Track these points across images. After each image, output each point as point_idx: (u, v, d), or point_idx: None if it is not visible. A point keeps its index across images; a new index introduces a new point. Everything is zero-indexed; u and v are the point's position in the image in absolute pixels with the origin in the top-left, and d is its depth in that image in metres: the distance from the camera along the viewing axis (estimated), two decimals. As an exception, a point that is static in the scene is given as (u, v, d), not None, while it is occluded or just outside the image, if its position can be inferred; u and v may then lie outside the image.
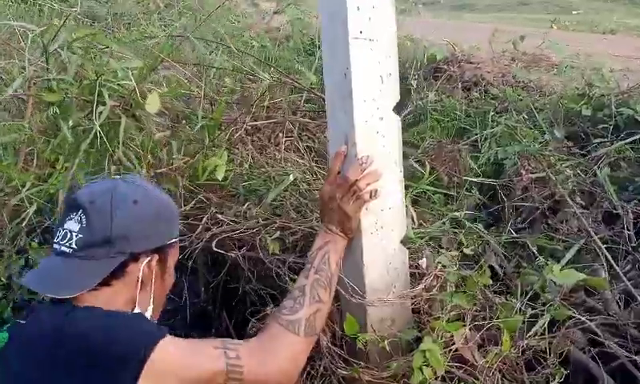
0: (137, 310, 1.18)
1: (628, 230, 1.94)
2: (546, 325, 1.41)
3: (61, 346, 1.04)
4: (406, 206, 1.54)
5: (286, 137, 2.10)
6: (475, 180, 2.08)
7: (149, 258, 1.18)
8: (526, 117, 2.30)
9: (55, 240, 1.14)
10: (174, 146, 1.81)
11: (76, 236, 1.11)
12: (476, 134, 2.39)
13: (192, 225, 1.91)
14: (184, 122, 1.96)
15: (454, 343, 1.39)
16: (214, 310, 2.00)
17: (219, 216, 1.89)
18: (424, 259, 1.41)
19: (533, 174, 1.94)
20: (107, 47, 1.85)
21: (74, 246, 1.11)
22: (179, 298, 1.95)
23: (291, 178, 1.87)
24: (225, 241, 1.81)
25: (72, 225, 1.12)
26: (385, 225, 1.46)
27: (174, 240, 1.25)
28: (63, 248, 1.12)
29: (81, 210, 1.12)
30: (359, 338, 1.39)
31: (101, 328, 1.06)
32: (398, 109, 1.45)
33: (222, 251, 1.72)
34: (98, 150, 1.82)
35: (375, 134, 1.40)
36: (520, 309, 1.48)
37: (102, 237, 1.11)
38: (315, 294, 1.33)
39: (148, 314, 1.20)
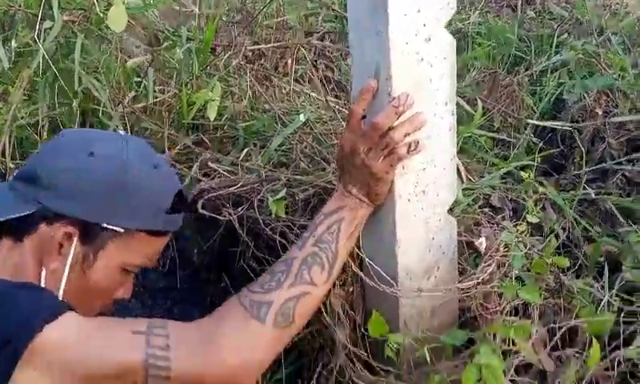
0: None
1: None
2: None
3: None
4: (455, 161, 1.13)
5: (298, 64, 1.67)
6: (538, 123, 1.64)
7: (66, 228, 0.89)
8: (600, 43, 1.81)
9: None
10: (150, 74, 1.40)
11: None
12: (534, 63, 1.92)
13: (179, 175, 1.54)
14: (167, 44, 1.54)
15: (517, 352, 1.02)
16: (209, 277, 1.66)
17: (212, 165, 1.51)
18: (483, 239, 1.02)
19: (618, 117, 1.50)
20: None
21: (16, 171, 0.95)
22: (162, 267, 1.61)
23: (302, 117, 1.46)
24: (218, 197, 1.43)
25: None
26: (428, 189, 1.06)
27: (116, 228, 0.92)
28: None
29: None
30: (389, 342, 1.03)
31: None
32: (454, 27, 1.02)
33: (210, 213, 1.35)
34: (55, 81, 1.42)
35: (419, 62, 0.98)
36: (609, 302, 1.10)
37: (32, 172, 0.90)
38: (305, 273, 0.96)
39: None
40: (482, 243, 1.01)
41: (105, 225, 0.91)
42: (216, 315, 0.92)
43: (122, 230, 0.92)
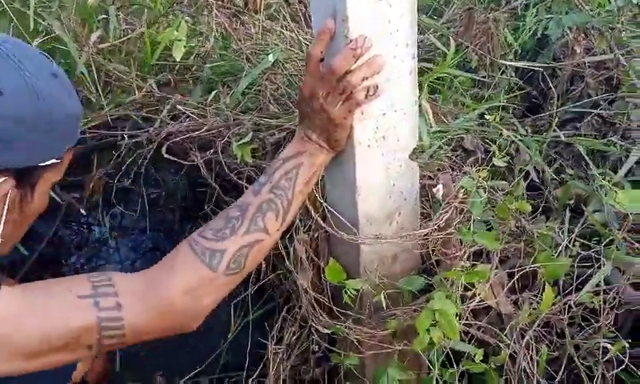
0: None
1: None
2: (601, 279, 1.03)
3: None
4: (420, 104, 1.10)
5: None
6: (511, 63, 1.59)
7: (1, 185, 0.82)
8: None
9: None
10: (112, 12, 1.34)
11: None
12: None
13: (146, 118, 1.51)
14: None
15: (473, 296, 1.03)
16: (177, 219, 1.66)
17: (180, 107, 1.48)
18: (440, 186, 1.01)
19: (596, 56, 1.45)
20: None
21: None
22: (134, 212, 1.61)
23: (271, 58, 1.41)
24: (185, 141, 1.41)
25: None
26: (388, 134, 1.04)
27: (51, 162, 0.87)
28: None
29: None
30: (347, 288, 1.04)
31: None
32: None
33: (176, 158, 1.33)
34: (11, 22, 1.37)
35: (377, 2, 0.94)
36: (567, 246, 1.11)
37: None
38: (259, 221, 0.94)
39: None
40: (438, 190, 1.00)
41: (42, 163, 0.86)
42: (166, 262, 0.90)
43: (58, 161, 0.89)
